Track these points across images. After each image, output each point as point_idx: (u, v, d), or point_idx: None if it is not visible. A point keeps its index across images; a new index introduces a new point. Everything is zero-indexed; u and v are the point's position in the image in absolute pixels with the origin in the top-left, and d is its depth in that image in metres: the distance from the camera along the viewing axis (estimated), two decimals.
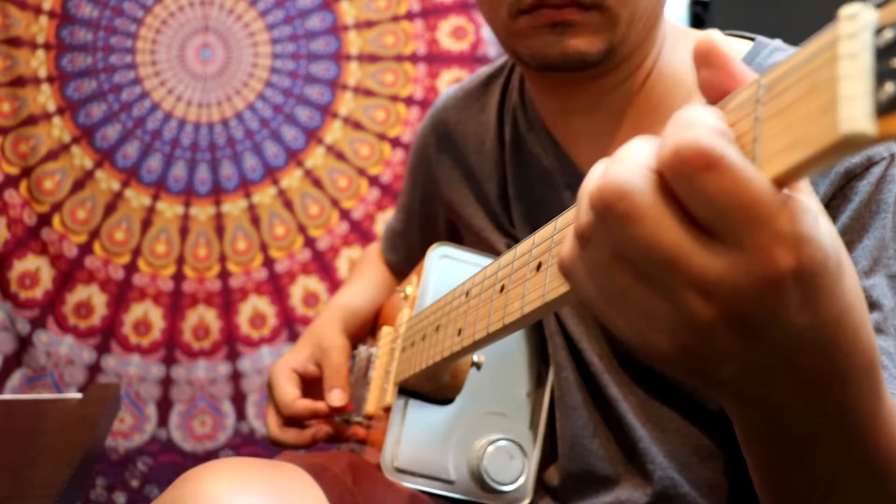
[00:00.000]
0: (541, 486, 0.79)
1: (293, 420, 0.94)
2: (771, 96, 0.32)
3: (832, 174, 0.65)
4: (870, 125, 0.27)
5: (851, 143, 0.28)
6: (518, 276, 0.53)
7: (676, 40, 0.78)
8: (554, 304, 0.47)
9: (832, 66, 0.28)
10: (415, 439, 0.76)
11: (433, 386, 0.76)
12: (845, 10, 0.29)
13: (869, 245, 0.63)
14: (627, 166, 0.33)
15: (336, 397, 0.90)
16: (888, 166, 0.65)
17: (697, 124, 0.32)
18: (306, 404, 0.92)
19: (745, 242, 0.32)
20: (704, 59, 0.36)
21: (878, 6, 0.28)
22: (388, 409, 0.79)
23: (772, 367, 0.36)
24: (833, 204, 0.65)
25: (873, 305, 0.62)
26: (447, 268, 0.82)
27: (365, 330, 1.04)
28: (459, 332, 0.63)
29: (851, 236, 0.64)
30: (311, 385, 0.96)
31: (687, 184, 0.32)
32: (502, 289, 0.55)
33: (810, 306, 0.34)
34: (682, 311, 0.34)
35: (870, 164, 0.64)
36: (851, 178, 0.64)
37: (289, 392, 0.93)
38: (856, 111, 0.27)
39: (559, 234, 0.48)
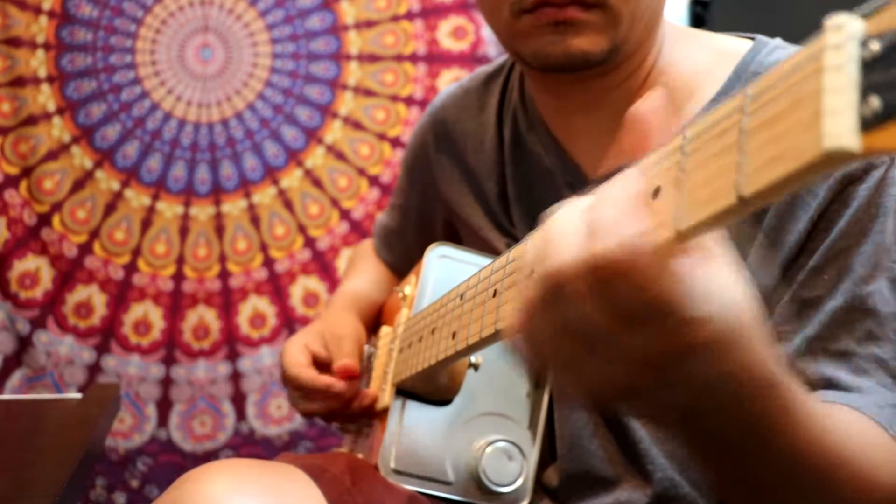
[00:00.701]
0: (539, 487, 0.79)
1: (299, 386, 0.90)
2: (757, 106, 0.31)
3: (831, 178, 0.64)
4: (854, 141, 0.27)
5: (835, 158, 0.27)
6: (510, 282, 0.53)
7: (676, 39, 0.78)
8: None
9: (817, 77, 0.28)
10: (412, 440, 0.76)
11: (431, 387, 0.76)
12: (832, 21, 0.28)
13: (868, 250, 0.63)
14: (567, 255, 0.39)
15: (344, 362, 0.87)
16: (888, 169, 0.64)
17: (611, 233, 0.37)
18: (314, 373, 0.89)
19: (659, 327, 0.39)
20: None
21: (865, 16, 0.27)
22: (385, 410, 0.79)
23: (691, 401, 0.43)
24: (832, 208, 0.64)
25: (868, 313, 0.62)
26: (446, 268, 0.82)
27: (374, 317, 1.01)
28: (454, 335, 0.63)
29: (850, 241, 0.64)
30: (322, 368, 0.92)
31: (604, 286, 0.38)
32: (495, 293, 0.55)
33: (719, 362, 0.41)
34: (618, 372, 0.41)
35: (869, 167, 0.64)
36: (850, 182, 0.64)
37: (299, 359, 0.90)
38: (840, 126, 0.27)
39: None
